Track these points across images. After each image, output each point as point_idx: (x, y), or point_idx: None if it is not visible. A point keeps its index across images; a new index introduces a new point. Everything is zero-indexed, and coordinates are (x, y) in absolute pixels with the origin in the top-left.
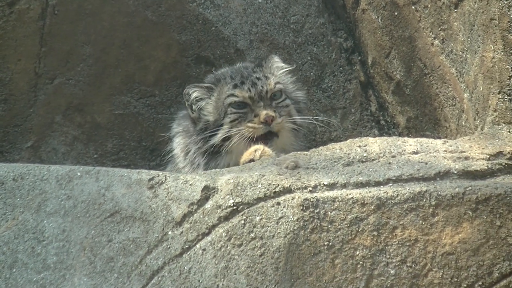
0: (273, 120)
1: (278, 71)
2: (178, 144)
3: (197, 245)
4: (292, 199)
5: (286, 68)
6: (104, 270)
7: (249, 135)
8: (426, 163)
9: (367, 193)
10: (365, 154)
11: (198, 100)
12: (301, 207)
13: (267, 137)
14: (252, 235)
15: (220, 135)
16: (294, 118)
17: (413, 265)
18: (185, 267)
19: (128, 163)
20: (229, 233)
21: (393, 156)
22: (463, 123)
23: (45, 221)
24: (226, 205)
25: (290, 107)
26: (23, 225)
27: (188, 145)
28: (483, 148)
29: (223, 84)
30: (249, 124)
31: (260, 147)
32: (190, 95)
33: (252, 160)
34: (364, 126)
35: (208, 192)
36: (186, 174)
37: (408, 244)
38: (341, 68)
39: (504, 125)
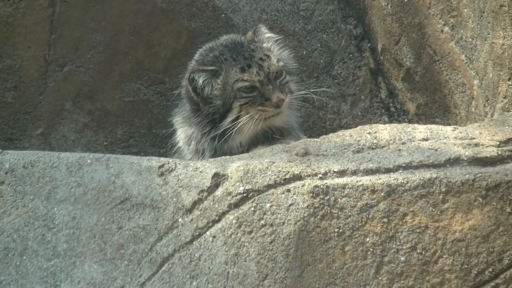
0: (283, 102)
1: (270, 42)
2: (180, 138)
3: (207, 232)
4: (302, 186)
5: (275, 37)
6: (114, 258)
7: (259, 118)
8: (436, 150)
9: (377, 180)
10: (375, 141)
11: (205, 85)
12: (311, 194)
13: None
14: (262, 222)
15: (230, 118)
16: (296, 94)
17: (423, 252)
18: (195, 254)
19: (138, 150)
20: (239, 220)
21: (403, 143)
22: (473, 109)
23: (55, 209)
24: (236, 192)
25: (289, 82)
26: (33, 212)
27: (191, 134)
28: (493, 135)
29: (228, 66)
30: (260, 108)
31: None
32: (196, 80)
33: None
34: (374, 113)
35: (218, 179)
36: (196, 161)
37: (418, 231)
38: (350, 55)
39: None
